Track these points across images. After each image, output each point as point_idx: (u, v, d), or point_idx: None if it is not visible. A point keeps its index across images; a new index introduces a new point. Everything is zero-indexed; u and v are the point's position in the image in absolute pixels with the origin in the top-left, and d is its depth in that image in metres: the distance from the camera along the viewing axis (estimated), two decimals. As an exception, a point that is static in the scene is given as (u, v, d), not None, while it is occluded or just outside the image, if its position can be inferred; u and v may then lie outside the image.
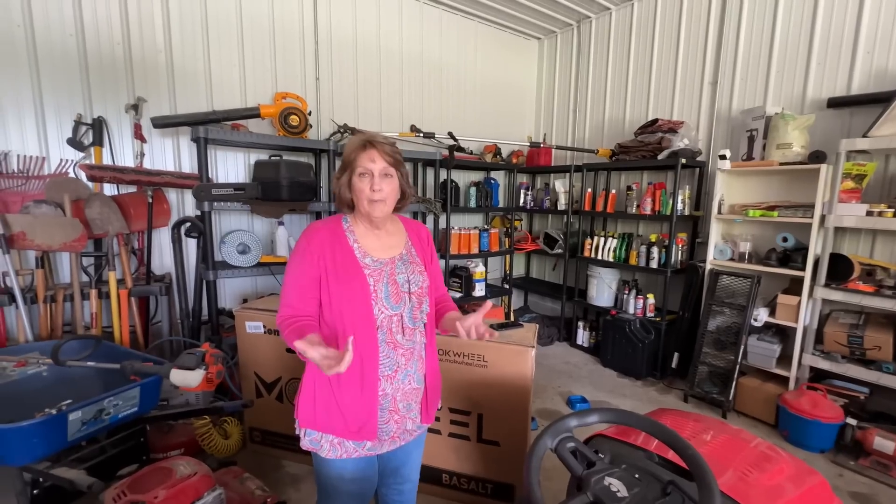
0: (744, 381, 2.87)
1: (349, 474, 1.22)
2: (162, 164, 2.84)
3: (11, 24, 2.35)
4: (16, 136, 2.42)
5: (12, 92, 2.39)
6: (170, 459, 1.55)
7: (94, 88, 2.59)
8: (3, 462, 1.50)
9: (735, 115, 3.23)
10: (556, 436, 0.87)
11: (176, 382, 1.72)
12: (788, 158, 2.71)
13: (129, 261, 2.57)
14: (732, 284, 2.95)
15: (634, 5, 3.84)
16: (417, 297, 1.22)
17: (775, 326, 2.85)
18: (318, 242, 1.16)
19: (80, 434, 1.60)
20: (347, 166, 1.16)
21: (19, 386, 1.92)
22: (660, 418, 1.44)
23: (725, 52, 3.27)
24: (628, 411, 0.92)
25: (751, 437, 1.32)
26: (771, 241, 2.92)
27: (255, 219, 3.19)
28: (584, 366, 3.70)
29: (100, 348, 1.96)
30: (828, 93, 2.78)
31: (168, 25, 2.78)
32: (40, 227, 2.24)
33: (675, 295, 3.43)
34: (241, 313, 2.22)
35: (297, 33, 3.27)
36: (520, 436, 1.90)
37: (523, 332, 1.99)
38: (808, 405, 2.43)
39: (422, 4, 3.88)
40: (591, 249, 3.86)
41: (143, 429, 1.98)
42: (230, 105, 2.99)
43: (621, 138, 3.86)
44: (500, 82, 4.55)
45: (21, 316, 2.22)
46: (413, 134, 3.60)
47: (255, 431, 2.34)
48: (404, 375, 1.21)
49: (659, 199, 3.40)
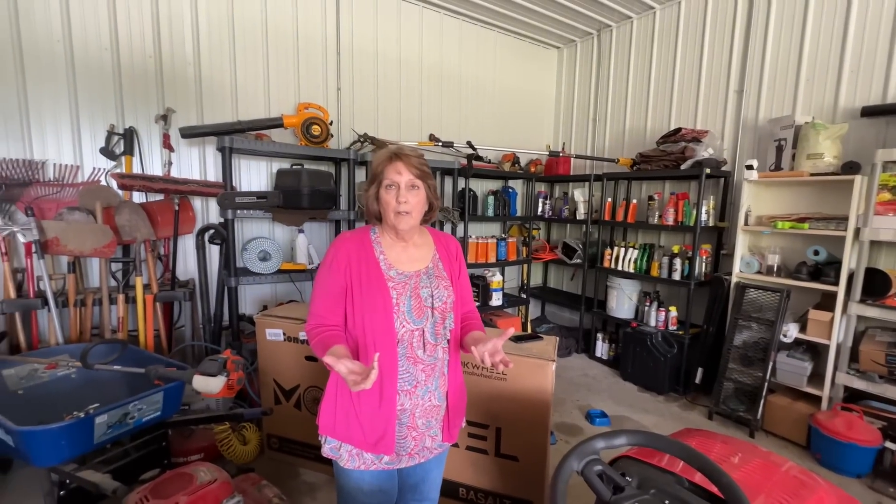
0: (773, 400, 2.76)
1: (367, 486, 1.21)
2: (188, 172, 2.92)
3: (52, 39, 2.46)
4: (53, 145, 2.53)
5: (51, 103, 2.50)
6: (191, 465, 1.57)
7: (127, 100, 2.69)
8: (32, 463, 1.54)
9: (762, 124, 3.15)
10: (583, 458, 0.84)
11: (198, 388, 1.74)
12: (820, 169, 2.62)
13: (156, 266, 2.64)
14: (760, 298, 2.85)
15: (657, 13, 3.80)
16: (441, 313, 1.20)
17: (806, 343, 2.74)
18: (346, 253, 1.17)
19: (106, 437, 1.63)
20: (375, 178, 1.17)
21: (49, 388, 1.98)
22: (686, 439, 1.39)
23: (752, 60, 3.19)
24: (659, 434, 0.89)
25: (782, 460, 1.26)
26: (801, 254, 2.82)
27: (275, 226, 3.24)
28: (603, 379, 3.61)
29: (125, 352, 2.01)
30: (861, 101, 2.68)
31: (197, 39, 2.87)
32: (73, 233, 2.32)
33: (698, 308, 3.33)
34: (261, 320, 2.25)
35: (319, 45, 3.34)
36: (539, 451, 1.86)
37: (543, 345, 1.96)
38: (843, 427, 2.32)
39: (442, 15, 3.92)
40: (610, 260, 3.80)
41: (165, 433, 2.01)
42: (254, 115, 3.06)
43: (642, 147, 3.80)
44: (518, 91, 4.55)
45: (52, 319, 2.30)
46: (432, 143, 3.62)
47: (273, 438, 2.35)
48: (424, 391, 1.19)
49: (682, 210, 3.32)
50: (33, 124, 2.47)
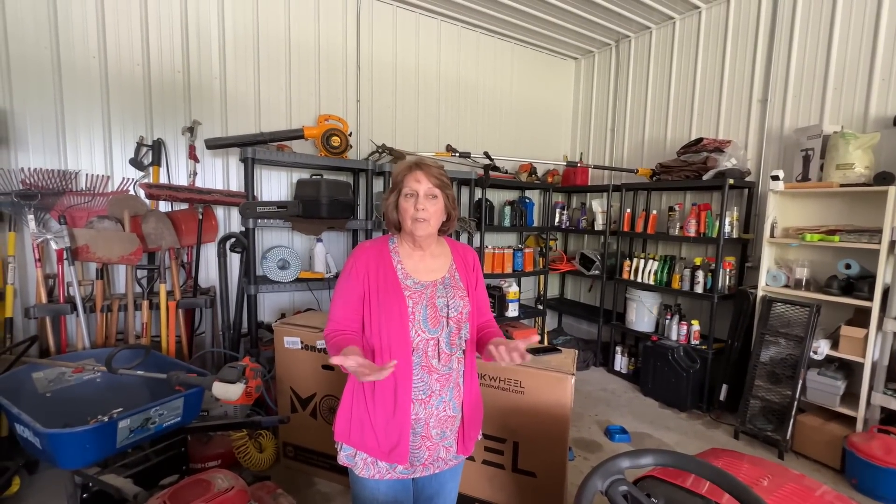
0: (803, 419, 2.64)
1: (383, 497, 1.20)
2: (212, 182, 3.00)
3: (88, 56, 2.58)
4: (85, 156, 2.63)
5: (85, 116, 2.61)
6: (209, 472, 1.58)
7: (156, 113, 2.79)
8: (57, 465, 1.57)
9: (788, 133, 3.07)
10: (607, 477, 0.81)
11: (217, 395, 1.76)
12: (850, 180, 2.53)
13: (179, 274, 2.70)
14: (788, 313, 2.75)
15: (676, 24, 3.77)
16: (456, 323, 1.20)
17: (838, 360, 2.62)
18: (365, 261, 1.19)
19: (128, 441, 1.66)
20: (395, 187, 1.19)
21: (75, 392, 2.03)
22: (713, 459, 1.33)
23: (776, 69, 3.13)
24: (687, 455, 0.85)
25: (816, 484, 1.20)
26: (831, 267, 2.71)
27: (295, 235, 3.29)
28: (622, 393, 3.52)
29: (148, 357, 2.05)
30: (894, 110, 2.59)
31: (224, 54, 2.97)
32: (102, 240, 2.40)
33: (722, 322, 3.23)
34: (279, 328, 2.27)
35: (340, 58, 3.41)
36: (557, 467, 1.81)
37: (562, 358, 1.92)
38: (882, 451, 2.20)
39: (460, 28, 3.97)
40: (630, 271, 3.72)
41: (185, 439, 2.04)
42: (276, 127, 3.14)
43: (662, 158, 3.74)
44: (535, 102, 4.55)
45: (80, 324, 2.37)
46: (449, 153, 3.64)
47: (289, 446, 2.35)
48: (439, 401, 1.19)
49: (704, 221, 3.25)
50: (68, 136, 2.58)
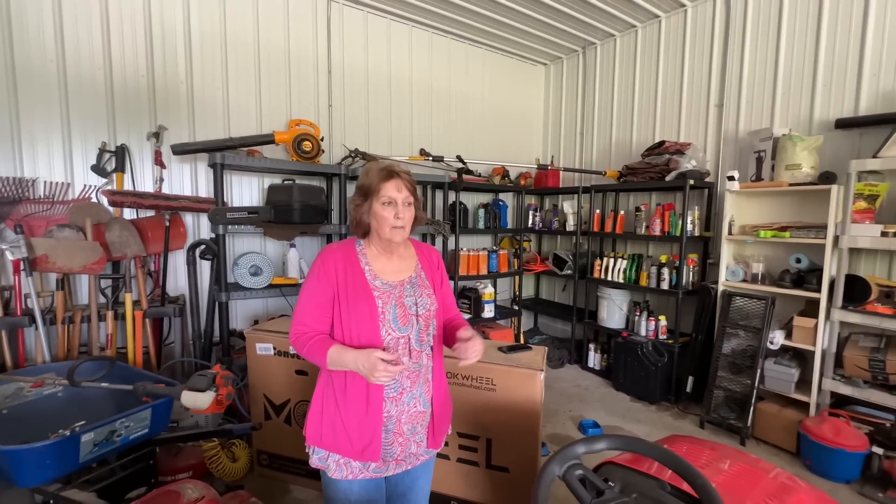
0: (762, 407, 2.78)
1: (356, 497, 1.21)
2: (180, 188, 2.94)
3: (45, 59, 2.50)
4: (44, 163, 2.54)
5: (43, 122, 2.52)
6: (178, 483, 1.54)
7: (119, 117, 2.72)
8: (15, 483, 1.51)
9: (742, 136, 3.25)
10: (564, 462, 0.86)
11: (187, 404, 1.72)
12: (798, 179, 2.70)
13: (146, 283, 2.63)
14: (746, 306, 2.90)
15: (638, 32, 3.93)
16: (425, 320, 1.24)
17: (792, 350, 2.78)
18: (333, 263, 1.21)
19: (92, 456, 1.61)
20: (370, 193, 1.21)
21: (35, 407, 1.95)
22: (673, 446, 1.40)
23: (730, 75, 3.31)
24: (637, 438, 0.91)
25: (770, 466, 1.28)
26: (784, 261, 2.88)
27: (267, 241, 3.25)
28: (595, 389, 3.62)
29: (113, 369, 1.99)
30: (835, 114, 2.78)
31: (190, 58, 2.92)
32: (62, 250, 2.31)
33: (687, 317, 3.37)
34: (251, 335, 2.25)
35: (311, 63, 3.40)
36: (530, 462, 1.86)
37: (532, 355, 1.97)
38: (831, 433, 2.34)
39: (431, 34, 4.02)
40: (600, 270, 3.84)
41: (153, 451, 1.98)
42: (246, 132, 3.10)
43: (628, 160, 3.89)
44: (507, 106, 4.65)
45: (40, 337, 2.27)
46: (422, 157, 3.68)
47: (263, 455, 2.32)
48: (409, 398, 1.22)
49: (668, 220, 3.39)
50: (24, 142, 2.48)
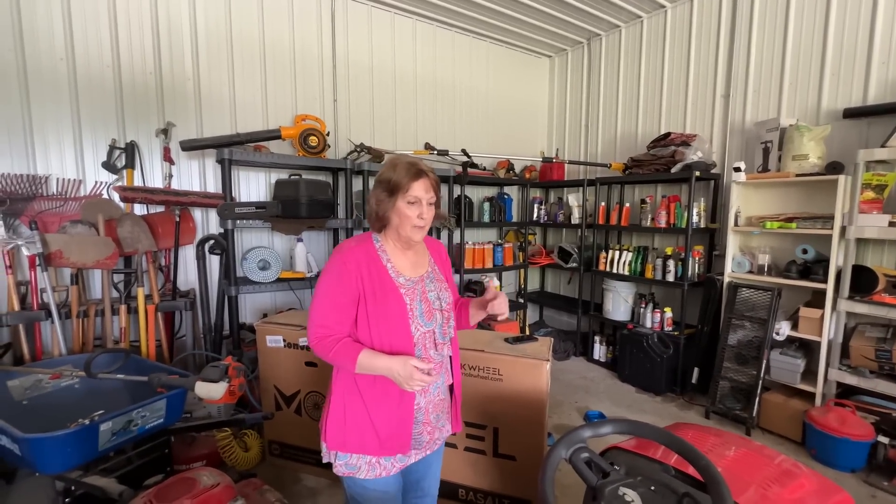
0: (767, 397, 2.79)
1: (387, 494, 1.23)
2: (189, 184, 2.98)
3: (55, 58, 2.53)
4: (56, 160, 2.58)
5: (54, 120, 2.56)
6: (193, 470, 1.59)
7: (128, 115, 2.76)
8: (38, 470, 1.57)
9: (749, 127, 3.23)
10: (571, 446, 0.88)
11: (200, 394, 1.77)
12: (805, 170, 2.69)
13: (157, 277, 2.68)
14: (752, 297, 2.90)
15: (644, 22, 3.90)
16: (447, 313, 1.27)
17: (798, 340, 2.78)
18: (355, 263, 1.16)
19: (110, 444, 1.66)
20: (397, 190, 1.15)
21: (53, 398, 2.01)
22: (679, 432, 1.42)
23: (737, 66, 3.28)
24: (641, 422, 0.93)
25: (774, 453, 1.30)
26: (790, 253, 2.88)
27: (275, 236, 3.29)
28: (601, 381, 3.64)
29: (128, 362, 2.04)
30: (843, 103, 2.76)
31: (196, 55, 2.94)
32: (76, 245, 2.36)
33: (693, 308, 3.38)
34: (261, 327, 2.29)
35: (315, 58, 3.42)
36: (536, 450, 1.89)
37: (538, 346, 2.00)
38: (837, 422, 2.35)
39: (435, 28, 4.01)
40: (605, 263, 3.85)
41: (168, 440, 2.04)
42: (253, 127, 3.13)
43: (634, 152, 3.87)
44: (511, 99, 4.64)
45: (56, 330, 2.33)
46: (427, 151, 3.69)
47: (274, 444, 2.37)
48: (435, 388, 1.26)
49: (673, 212, 3.39)
50: (37, 140, 2.52)
